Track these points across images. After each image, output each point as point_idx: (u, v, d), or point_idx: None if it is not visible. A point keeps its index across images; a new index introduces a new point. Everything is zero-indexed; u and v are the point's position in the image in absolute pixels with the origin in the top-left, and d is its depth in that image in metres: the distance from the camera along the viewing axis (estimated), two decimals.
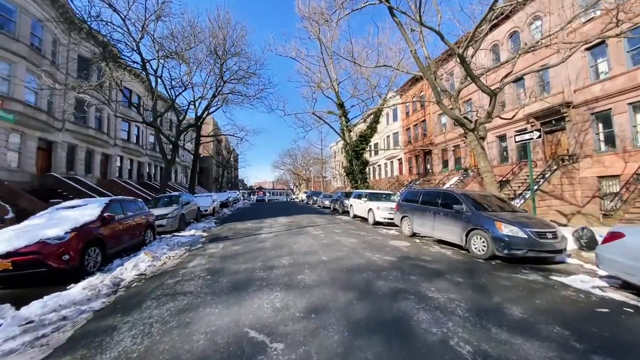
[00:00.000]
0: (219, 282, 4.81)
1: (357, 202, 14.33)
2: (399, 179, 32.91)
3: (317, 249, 7.06)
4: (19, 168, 15.27)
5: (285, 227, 11.31)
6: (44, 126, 16.46)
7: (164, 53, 15.45)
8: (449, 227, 7.36)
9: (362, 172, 21.10)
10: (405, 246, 7.52)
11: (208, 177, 51.14)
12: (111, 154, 24.42)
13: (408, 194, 10.15)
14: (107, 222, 6.56)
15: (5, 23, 13.95)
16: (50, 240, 5.21)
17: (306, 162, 55.78)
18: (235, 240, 8.83)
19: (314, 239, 8.48)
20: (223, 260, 6.26)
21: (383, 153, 37.67)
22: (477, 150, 9.20)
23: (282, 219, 14.71)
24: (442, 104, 9.17)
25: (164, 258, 6.58)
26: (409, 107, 32.08)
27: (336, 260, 5.95)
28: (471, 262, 6.02)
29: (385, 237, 8.87)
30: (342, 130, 21.30)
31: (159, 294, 4.38)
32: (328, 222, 12.83)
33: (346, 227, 11.35)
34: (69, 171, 19.10)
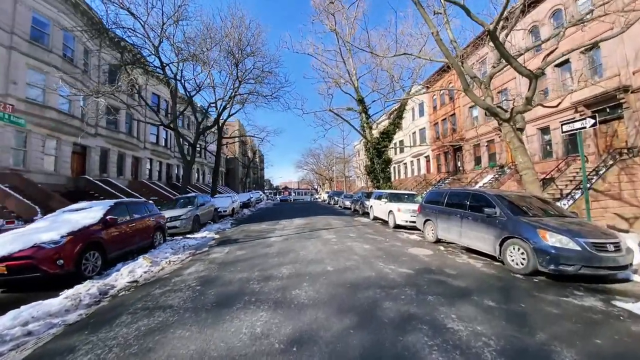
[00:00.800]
0: (206, 294, 4.33)
1: (377, 204, 13.40)
2: (426, 177, 31.05)
3: (324, 257, 6.38)
4: (55, 171, 16.35)
5: (299, 230, 10.76)
6: (77, 132, 17.50)
7: (182, 56, 15.64)
8: (479, 234, 6.29)
9: (385, 171, 19.97)
10: (426, 255, 6.57)
11: (235, 178, 52.55)
12: (141, 156, 25.66)
13: (432, 195, 9.10)
14: (110, 225, 6.43)
15: (40, 36, 14.95)
16: (45, 245, 5.10)
17: (329, 162, 55.10)
18: (243, 243, 8.43)
19: (324, 244, 7.80)
20: (221, 268, 5.82)
21: (409, 150, 35.88)
22: (514, 144, 7.91)
23: (299, 220, 14.20)
24: (470, 91, 8.02)
25: (164, 263, 6.30)
26: (436, 101, 30.13)
27: (342, 272, 5.23)
28: (507, 278, 4.97)
29: (404, 244, 7.94)
30: (362, 127, 20.35)
31: (139, 307, 3.98)
32: (344, 225, 12.07)
33: (363, 230, 10.52)
34: (102, 173, 20.26)
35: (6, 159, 13.39)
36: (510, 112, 7.82)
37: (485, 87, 8.54)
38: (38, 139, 15.07)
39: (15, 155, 14.03)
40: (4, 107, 6.35)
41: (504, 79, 19.51)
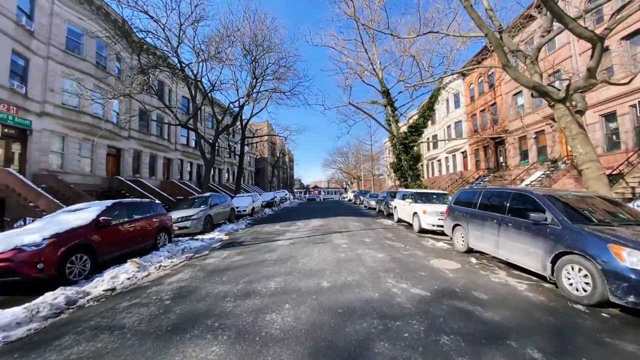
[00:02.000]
0: (170, 313, 3.68)
1: (402, 204, 12.06)
2: (463, 175, 28.32)
3: (325, 268, 5.46)
4: (92, 172, 17.43)
5: (311, 232, 9.93)
6: (111, 135, 18.53)
7: (201, 57, 15.67)
8: (522, 246, 4.90)
9: (413, 168, 18.33)
10: (451, 270, 5.32)
11: (264, 178, 53.50)
12: (172, 157, 26.80)
13: (462, 195, 7.67)
14: (102, 227, 6.16)
15: (75, 46, 15.95)
16: (25, 247, 4.87)
17: (357, 160, 53.47)
18: (246, 247, 7.82)
19: (331, 251, 6.86)
20: (207, 277, 5.19)
21: (443, 146, 33.18)
22: (572, 131, 6.24)
23: (316, 221, 13.38)
24: (511, 68, 6.50)
25: (152, 269, 5.87)
26: (474, 90, 27.29)
27: (338, 290, 4.27)
28: (562, 310, 3.63)
29: (426, 253, 6.69)
30: (387, 122, 18.89)
31: (91, 325, 3.45)
32: (363, 228, 10.97)
33: (382, 235, 9.36)
34: (135, 174, 21.36)
35: (45, 161, 14.44)
36: (566, 89, 6.15)
37: (531, 61, 6.90)
38: (74, 142, 16.13)
39: (54, 158, 15.12)
40: (8, 109, 6.25)
41: (555, 58, 16.74)
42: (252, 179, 50.73)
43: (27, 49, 13.40)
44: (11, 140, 13.31)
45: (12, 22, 12.51)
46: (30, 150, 13.87)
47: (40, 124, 14.27)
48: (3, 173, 11.75)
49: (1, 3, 12.00)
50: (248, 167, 48.74)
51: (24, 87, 13.30)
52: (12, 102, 12.58)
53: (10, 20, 12.38)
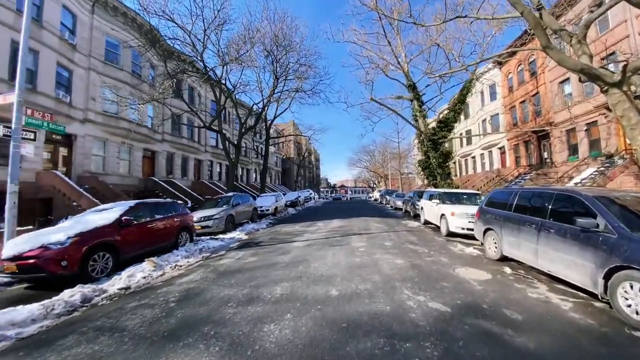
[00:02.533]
0: (171, 316, 3.61)
1: (429, 205, 11.29)
2: (501, 173, 26.15)
3: (337, 274, 5.13)
4: (129, 174, 18.71)
5: (330, 234, 9.62)
6: (146, 138, 19.77)
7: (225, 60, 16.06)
8: (566, 257, 4.17)
9: (443, 166, 17.20)
10: (480, 280, 4.71)
11: (290, 177, 54.16)
12: (202, 159, 28.03)
13: (496, 195, 6.88)
14: (124, 226, 6.40)
15: (113, 57, 17.18)
16: (51, 246, 5.16)
17: (383, 158, 51.96)
18: (262, 248, 7.74)
19: (347, 255, 6.50)
20: (217, 279, 5.13)
21: (478, 141, 30.98)
22: (630, 120, 5.24)
23: (337, 222, 13.03)
24: (553, 49, 5.63)
25: (168, 268, 5.96)
26: (512, 80, 25.03)
27: (347, 300, 3.93)
28: (617, 337, 2.96)
29: (452, 260, 6.06)
30: (414, 117, 17.92)
31: (97, 325, 3.49)
32: (385, 230, 10.42)
33: (405, 238, 8.76)
34: (168, 175, 22.61)
35: (88, 164, 15.73)
36: (622, 71, 5.17)
37: (578, 41, 5.94)
38: (114, 146, 17.40)
39: (96, 161, 16.43)
40: (43, 116, 6.76)
41: (608, 39, 14.66)
42: (278, 178, 51.60)
43: (70, 61, 14.66)
44: (59, 145, 14.69)
45: (57, 37, 13.74)
46: (75, 154, 15.20)
47: (84, 130, 15.58)
48: (50, 175, 12.96)
49: (46, 20, 13.22)
50: (275, 167, 49.66)
51: (69, 97, 14.58)
52: (58, 111, 13.83)
53: (54, 36, 13.61)
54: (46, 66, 13.23)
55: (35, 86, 12.76)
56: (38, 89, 12.84)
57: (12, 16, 11.87)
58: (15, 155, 6.29)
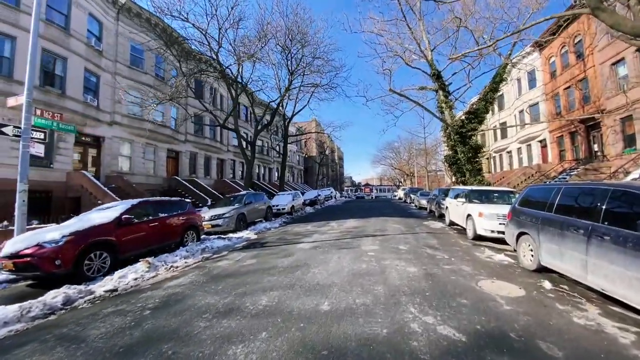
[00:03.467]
0: (138, 328, 3.24)
1: (454, 204, 10.18)
2: (542, 168, 23.55)
3: (335, 282, 4.50)
4: (154, 173, 19.43)
5: (341, 235, 8.96)
6: (170, 139, 20.43)
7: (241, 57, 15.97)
8: (627, 272, 3.17)
9: (472, 162, 15.67)
10: (510, 298, 3.82)
11: (313, 176, 53.95)
12: (225, 158, 28.59)
13: (532, 193, 5.80)
14: (124, 225, 6.29)
15: (138, 61, 17.85)
16: (46, 244, 5.11)
17: (409, 155, 49.69)
18: (266, 249, 7.31)
19: (353, 260, 5.83)
20: (206, 284, 4.75)
21: (514, 134, 28.32)
22: None
23: (353, 222, 12.30)
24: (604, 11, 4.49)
25: (163, 269, 5.71)
26: (554, 64, 22.38)
27: (338, 318, 3.29)
28: None
29: (477, 269, 5.14)
30: (439, 109, 16.55)
31: (59, 334, 3.24)
32: (403, 231, 9.52)
33: (424, 241, 7.85)
34: (191, 174, 23.26)
35: (115, 164, 16.49)
36: None
37: (638, 1, 4.71)
38: (139, 147, 18.13)
39: (123, 161, 17.19)
40: (53, 116, 6.87)
41: None
42: (301, 177, 51.61)
43: (97, 66, 15.40)
44: (88, 146, 15.53)
45: (84, 44, 14.46)
46: (103, 155, 15.99)
47: (111, 132, 16.34)
48: (79, 175, 13.69)
49: (74, 28, 13.94)
50: (297, 165, 49.71)
51: (96, 101, 15.33)
52: (86, 114, 14.60)
53: (81, 43, 14.33)
54: (74, 72, 13.97)
55: (65, 91, 13.52)
56: (67, 94, 13.59)
57: (42, 25, 12.59)
58: (24, 155, 6.43)
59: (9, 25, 11.49)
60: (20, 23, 11.82)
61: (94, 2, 15.18)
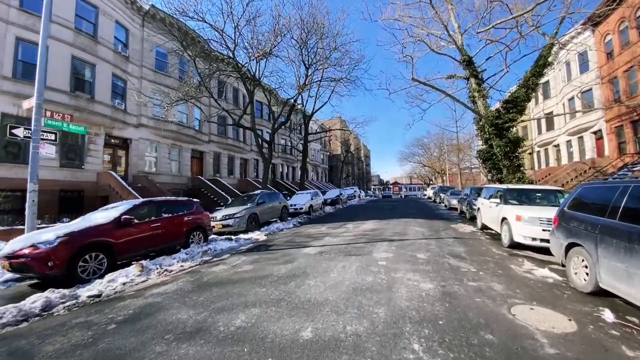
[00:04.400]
0: (90, 348, 2.84)
1: (487, 205, 8.90)
2: (597, 163, 20.52)
3: (330, 299, 3.80)
4: (179, 173, 20.03)
5: (354, 239, 8.18)
6: (194, 140, 20.95)
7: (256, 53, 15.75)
8: None
9: (510, 157, 13.89)
10: (555, 336, 2.85)
11: (337, 174, 53.15)
12: (248, 158, 28.91)
13: (587, 193, 4.61)
14: (124, 226, 6.13)
15: (162, 65, 18.44)
16: (41, 245, 5.02)
17: (440, 151, 46.68)
18: (269, 253, 6.80)
19: (359, 271, 5.07)
20: (189, 293, 4.33)
21: (562, 125, 25.16)
22: None
23: (371, 223, 11.41)
24: None
25: (155, 274, 5.42)
26: (611, 43, 19.31)
27: (316, 353, 2.60)
28: None
29: (511, 290, 4.12)
30: (471, 98, 14.93)
31: (14, 348, 2.98)
32: (427, 236, 8.48)
33: (448, 248, 6.81)
34: (215, 174, 23.73)
35: (142, 164, 17.17)
36: None
37: None
38: (164, 148, 18.76)
39: (149, 162, 17.87)
40: (63, 117, 6.96)
41: None
42: (325, 176, 51.05)
43: (124, 72, 16.08)
44: (117, 148, 16.30)
45: (111, 50, 15.14)
46: (130, 156, 16.72)
47: (137, 134, 17.04)
48: (107, 175, 14.35)
49: (101, 36, 14.62)
50: (321, 164, 49.24)
51: (124, 104, 16.02)
52: (114, 117, 15.29)
53: (109, 49, 15.01)
54: (102, 78, 14.66)
55: (93, 96, 14.23)
56: (96, 98, 14.30)
57: (72, 34, 13.34)
58: (34, 156, 6.55)
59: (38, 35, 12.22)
60: (51, 33, 12.48)
61: (120, 10, 15.86)
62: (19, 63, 11.82)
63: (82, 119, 13.87)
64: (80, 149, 14.08)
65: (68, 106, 13.04)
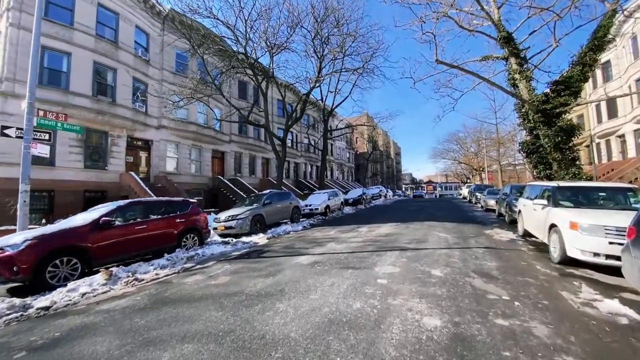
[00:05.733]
0: None
1: (530, 207, 7.20)
2: None
3: (291, 338, 2.81)
4: (200, 173, 20.24)
5: (360, 246, 7.04)
6: (214, 140, 21.09)
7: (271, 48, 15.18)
8: None
9: (562, 148, 11.60)
10: None
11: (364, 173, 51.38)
12: (270, 157, 28.65)
13: None
14: (102, 228, 5.72)
15: (182, 67, 18.71)
16: (7, 248, 4.71)
17: (479, 146, 42.57)
18: (257, 262, 5.96)
19: (349, 292, 3.99)
20: (138, 312, 3.63)
21: (629, 111, 21.22)
22: None
23: (388, 227, 10.10)
24: None
25: (123, 282, 4.86)
26: None
27: None
28: None
29: (563, 334, 2.77)
30: (510, 81, 12.82)
31: None
32: (450, 245, 7.04)
33: (475, 264, 5.40)
34: (236, 174, 23.76)
35: (162, 165, 17.52)
36: None
37: None
38: (185, 148, 19.04)
39: (170, 162, 18.21)
40: (57, 117, 6.82)
41: None
42: (351, 175, 49.59)
43: (145, 75, 16.48)
44: (139, 149, 16.77)
45: (131, 55, 15.54)
46: (152, 157, 17.13)
47: (158, 135, 17.41)
48: (128, 176, 14.72)
49: (122, 41, 15.04)
50: (347, 163, 47.89)
51: (144, 107, 16.43)
52: (136, 119, 15.70)
53: (129, 54, 15.41)
54: (124, 82, 15.09)
55: (115, 99, 14.68)
56: (117, 102, 14.74)
57: (93, 41, 13.83)
58: (25, 156, 6.43)
59: (64, 43, 12.81)
60: (74, 40, 13.12)
61: (140, 15, 16.27)
62: (45, 70, 12.43)
63: (104, 122, 14.40)
64: (103, 151, 14.61)
65: (90, 110, 13.54)
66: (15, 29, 11.60)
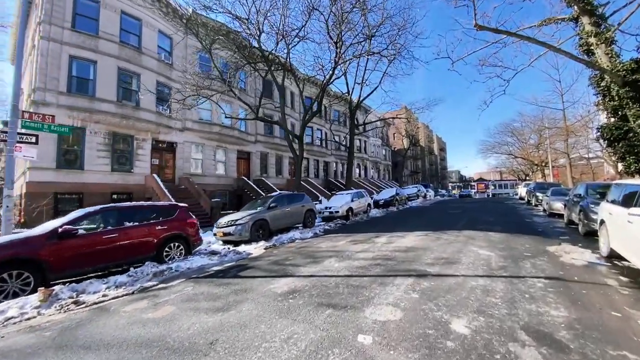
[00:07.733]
0: None
1: (621, 217, 4.88)
2: None
3: None
4: (225, 174, 20.15)
5: (367, 265, 5.43)
6: (239, 141, 20.88)
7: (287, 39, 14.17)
8: None
9: None
10: None
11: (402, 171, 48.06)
12: None
13: None
14: (63, 238, 5.11)
15: (206, 69, 18.70)
16: None
17: (540, 137, 36.32)
18: (221, 287, 4.78)
19: (313, 353, 2.55)
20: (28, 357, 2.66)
21: None
22: None
23: (414, 237, 8.19)
24: None
25: (61, 304, 4.09)
26: None
27: None
28: None
29: None
30: (584, 46, 9.84)
31: None
32: (493, 270, 5.06)
33: (527, 312, 3.48)
34: (262, 174, 23.35)
35: (187, 167, 17.66)
36: None
37: None
38: (209, 150, 19.05)
39: (194, 164, 18.32)
40: (43, 118, 6.53)
41: None
42: (388, 173, 46.66)
43: (168, 78, 16.70)
44: (164, 152, 17.08)
45: (155, 59, 15.81)
46: (176, 159, 17.35)
47: (182, 138, 17.59)
48: (151, 178, 14.95)
49: (145, 46, 15.34)
50: (383, 160, 45.15)
51: (168, 110, 16.66)
52: (160, 122, 15.95)
53: (152, 59, 15.68)
54: (147, 86, 15.37)
55: (138, 104, 15.02)
56: (141, 106, 15.07)
57: (117, 47, 14.24)
58: (9, 160, 6.21)
59: (90, 52, 13.33)
60: (99, 48, 13.61)
61: (162, 19, 16.52)
62: (73, 79, 13.04)
63: (129, 126, 14.80)
64: (129, 154, 15.04)
65: (115, 114, 13.96)
66: (46, 41, 12.30)
